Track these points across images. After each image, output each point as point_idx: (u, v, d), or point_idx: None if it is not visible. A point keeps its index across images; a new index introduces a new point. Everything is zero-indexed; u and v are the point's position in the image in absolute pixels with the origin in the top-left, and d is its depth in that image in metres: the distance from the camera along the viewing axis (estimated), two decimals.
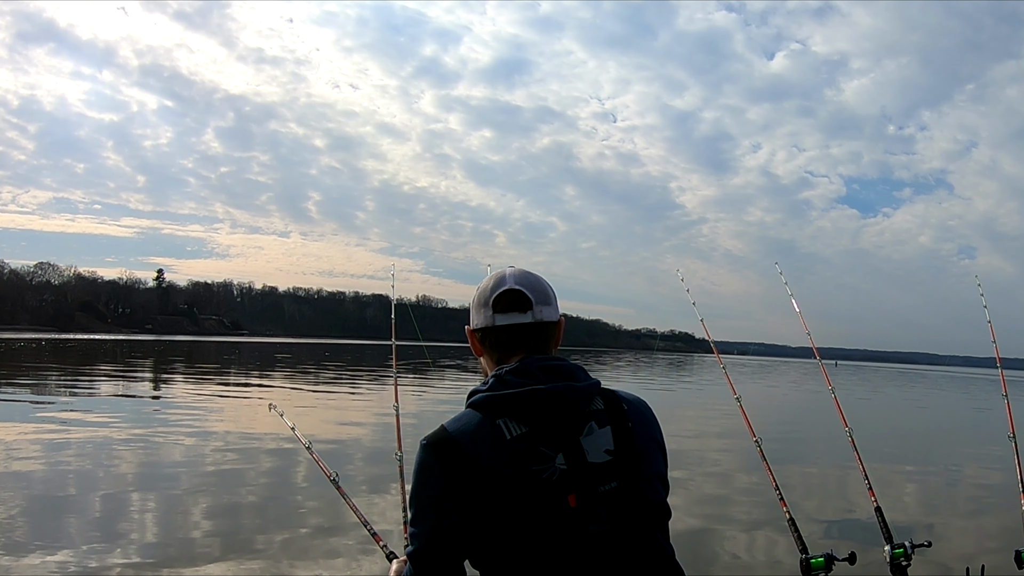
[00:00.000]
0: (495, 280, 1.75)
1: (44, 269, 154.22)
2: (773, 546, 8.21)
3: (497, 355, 1.74)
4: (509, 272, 1.76)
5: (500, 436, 1.56)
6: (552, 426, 1.57)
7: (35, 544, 7.33)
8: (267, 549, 7.55)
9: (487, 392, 1.64)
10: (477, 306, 1.76)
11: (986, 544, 8.67)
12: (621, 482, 1.56)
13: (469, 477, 1.53)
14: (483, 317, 1.74)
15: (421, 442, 1.62)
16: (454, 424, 1.63)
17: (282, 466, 12.19)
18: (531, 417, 1.57)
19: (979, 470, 15.25)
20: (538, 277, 1.77)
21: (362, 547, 7.69)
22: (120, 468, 11.39)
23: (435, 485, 1.56)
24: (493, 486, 1.51)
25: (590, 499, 1.52)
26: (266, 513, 9.03)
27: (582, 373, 1.66)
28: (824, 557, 3.80)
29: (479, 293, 1.77)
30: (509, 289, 1.71)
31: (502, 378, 1.64)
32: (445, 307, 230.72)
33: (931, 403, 42.78)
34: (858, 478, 4.42)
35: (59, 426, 15.53)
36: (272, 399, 25.23)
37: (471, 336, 1.81)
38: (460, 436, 1.58)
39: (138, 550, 7.32)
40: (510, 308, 1.70)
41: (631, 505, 1.56)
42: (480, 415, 1.61)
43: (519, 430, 1.56)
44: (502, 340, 1.73)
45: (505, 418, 1.58)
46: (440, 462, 1.56)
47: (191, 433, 15.34)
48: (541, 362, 1.65)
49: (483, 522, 1.52)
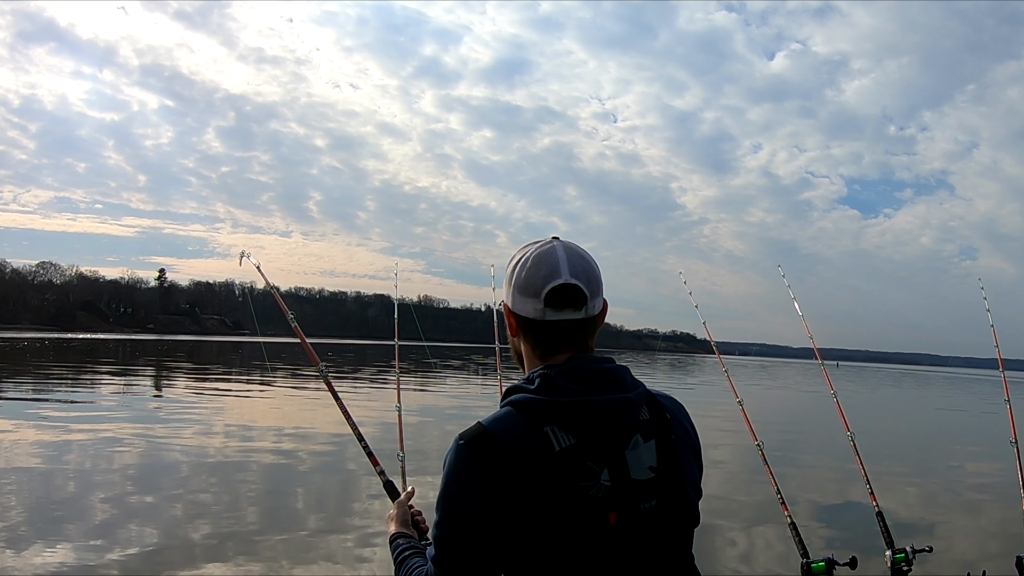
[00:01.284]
0: (547, 265, 1.55)
1: (46, 268, 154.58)
2: (774, 550, 8.20)
3: (541, 349, 1.58)
4: (561, 255, 1.56)
5: (548, 446, 1.44)
6: (600, 439, 1.47)
7: (37, 541, 7.33)
8: (270, 545, 7.54)
9: (535, 395, 1.49)
10: (522, 291, 1.56)
11: (988, 549, 8.67)
12: (660, 501, 1.50)
13: (510, 485, 1.42)
14: (530, 307, 1.55)
15: (457, 440, 1.49)
16: (496, 425, 1.48)
17: (283, 463, 12.20)
18: (581, 429, 1.46)
19: (981, 475, 15.22)
20: (589, 260, 1.59)
21: (361, 546, 7.69)
22: (124, 466, 11.39)
23: (471, 488, 1.44)
24: (535, 499, 1.41)
25: (630, 517, 1.46)
26: (266, 512, 9.01)
27: (629, 377, 1.56)
28: (825, 562, 3.79)
29: (525, 276, 1.56)
30: (565, 284, 1.53)
31: (552, 380, 1.49)
32: (447, 307, 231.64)
33: (933, 405, 42.73)
34: (860, 482, 4.41)
35: (63, 425, 15.52)
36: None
37: (508, 315, 1.62)
38: (503, 439, 1.45)
39: (139, 548, 7.32)
40: (565, 305, 1.53)
41: (667, 525, 1.51)
42: (525, 419, 1.47)
43: (568, 441, 1.45)
44: (551, 336, 1.56)
45: (553, 426, 1.46)
46: (479, 464, 1.44)
47: (195, 432, 15.35)
48: (593, 365, 1.54)
49: (518, 534, 1.42)
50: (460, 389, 31.61)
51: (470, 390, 32.19)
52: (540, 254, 1.57)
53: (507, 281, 1.60)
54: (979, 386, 69.64)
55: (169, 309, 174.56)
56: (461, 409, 22.49)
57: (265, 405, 23.04)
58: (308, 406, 21.80)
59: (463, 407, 23.33)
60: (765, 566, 7.77)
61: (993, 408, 33.65)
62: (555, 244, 1.60)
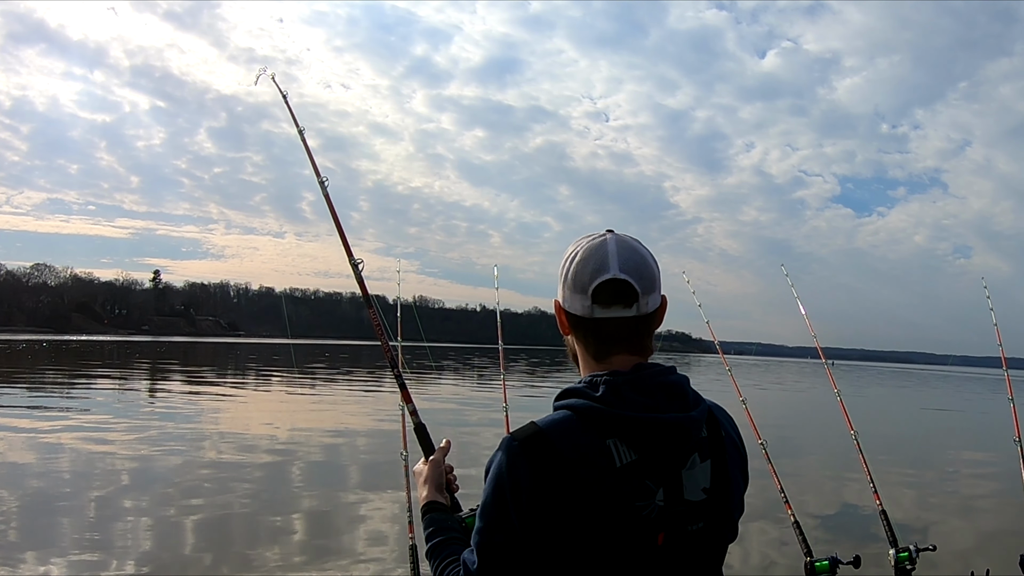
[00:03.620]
0: (596, 259, 1.47)
1: (40, 270, 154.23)
2: (777, 549, 8.21)
3: (594, 349, 1.50)
4: (612, 248, 1.47)
5: (610, 461, 1.36)
6: (661, 458, 1.40)
7: (35, 542, 7.33)
8: (264, 544, 7.54)
9: (600, 404, 1.39)
10: (571, 287, 1.48)
11: (991, 548, 8.70)
12: (708, 523, 1.46)
13: (564, 495, 1.33)
14: (579, 304, 1.47)
15: (509, 440, 1.39)
16: (554, 428, 1.39)
17: (279, 465, 12.20)
18: (644, 445, 1.38)
19: (984, 473, 15.28)
20: (644, 254, 1.50)
21: (358, 546, 7.69)
22: (125, 469, 11.38)
23: (523, 494, 1.34)
24: (588, 513, 1.33)
25: (677, 539, 1.41)
26: (260, 511, 9.01)
27: (691, 390, 1.49)
28: (829, 560, 3.79)
29: (574, 270, 1.48)
30: (613, 279, 1.44)
31: (620, 390, 1.41)
32: (442, 307, 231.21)
33: (931, 404, 42.79)
34: (863, 481, 4.42)
35: (67, 425, 15.52)
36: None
37: (560, 313, 1.54)
38: (562, 444, 1.36)
39: (134, 554, 7.32)
40: (613, 301, 1.45)
41: (710, 546, 1.48)
42: (586, 426, 1.38)
43: (629, 457, 1.37)
44: (601, 335, 1.48)
45: (616, 439, 1.37)
46: (534, 468, 1.34)
47: (194, 434, 15.34)
48: (661, 377, 1.46)
49: (562, 546, 1.34)
50: (460, 390, 31.57)
51: (470, 390, 32.18)
52: (590, 248, 1.49)
53: (560, 278, 1.52)
54: (976, 385, 69.79)
55: (164, 310, 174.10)
56: (460, 409, 22.47)
57: (261, 406, 23.01)
58: (308, 406, 21.78)
59: (462, 407, 23.30)
60: (769, 565, 7.79)
61: (994, 407, 33.76)
62: (608, 237, 1.51)
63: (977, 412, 35.58)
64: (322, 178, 2.60)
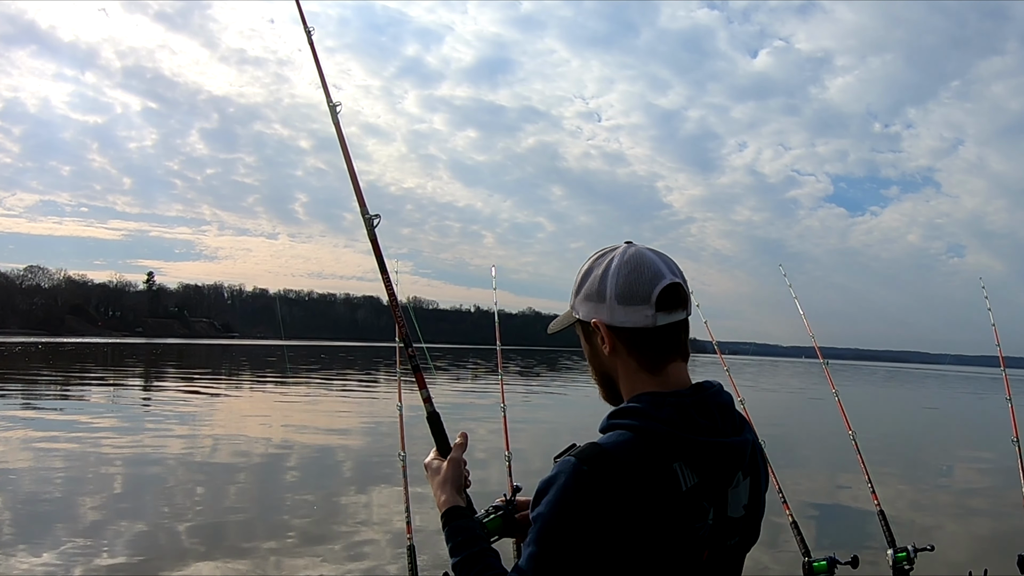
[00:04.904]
0: (648, 267, 1.43)
1: (34, 272, 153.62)
2: (776, 549, 8.21)
3: (649, 360, 1.44)
4: (653, 255, 1.45)
5: (676, 485, 1.33)
6: (717, 479, 1.40)
7: (29, 541, 7.30)
8: (263, 547, 7.53)
9: (668, 427, 1.35)
10: (626, 299, 1.42)
11: (989, 548, 8.73)
12: (742, 538, 1.48)
13: (634, 518, 1.29)
14: (639, 316, 1.41)
15: (578, 463, 1.31)
16: (621, 451, 1.33)
17: (276, 466, 12.18)
18: (706, 469, 1.37)
19: (981, 473, 15.34)
20: (673, 259, 1.49)
21: (356, 547, 7.68)
22: (125, 470, 11.35)
23: (591, 519, 1.29)
24: (653, 536, 1.31)
25: (719, 554, 1.42)
26: (259, 514, 8.99)
27: (737, 412, 1.49)
28: (827, 561, 3.80)
29: (626, 282, 1.42)
30: (672, 284, 1.42)
31: (687, 413, 1.38)
32: (436, 308, 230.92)
33: (929, 404, 42.88)
34: (861, 481, 4.43)
35: (64, 427, 15.47)
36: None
37: (607, 333, 1.45)
38: (630, 469, 1.31)
39: (128, 552, 7.30)
40: (675, 306, 1.42)
41: (740, 559, 1.52)
42: (652, 449, 1.34)
43: (692, 480, 1.35)
44: (661, 343, 1.44)
45: (681, 463, 1.35)
46: (605, 492, 1.29)
47: (190, 436, 15.31)
48: (717, 398, 1.45)
49: (622, 568, 1.31)
50: (457, 390, 31.54)
51: (467, 391, 32.16)
52: (633, 258, 1.44)
53: (594, 295, 1.45)
54: (972, 384, 69.99)
55: (158, 312, 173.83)
56: (457, 409, 22.47)
57: (260, 409, 22.98)
58: (309, 407, 21.76)
59: (460, 407, 23.30)
60: (767, 565, 7.79)
61: (991, 406, 33.85)
62: (638, 247, 1.48)
63: (974, 412, 35.69)
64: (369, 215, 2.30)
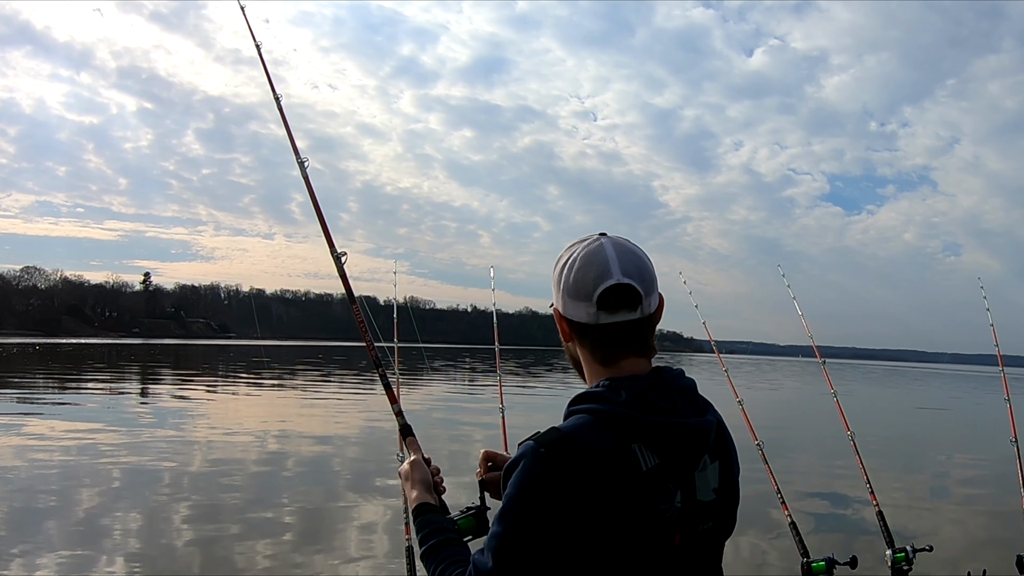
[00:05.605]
0: (596, 266, 1.45)
1: (30, 273, 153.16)
2: (774, 550, 8.23)
3: (600, 354, 1.49)
4: (611, 253, 1.47)
5: (636, 465, 1.35)
6: (680, 461, 1.42)
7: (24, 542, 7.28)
8: (260, 547, 7.52)
9: (625, 409, 1.39)
10: (573, 294, 1.47)
11: (987, 548, 8.74)
12: (716, 522, 1.49)
13: (596, 499, 1.32)
14: (583, 312, 1.46)
15: (534, 446, 1.36)
16: (580, 433, 1.37)
17: (273, 466, 12.17)
18: (666, 450, 1.39)
19: (980, 473, 15.33)
20: (640, 256, 1.50)
21: (354, 547, 7.67)
22: (118, 471, 11.33)
23: (552, 502, 1.32)
24: (616, 518, 1.33)
25: (691, 538, 1.43)
26: (257, 513, 8.98)
27: (700, 395, 1.52)
28: (826, 561, 3.80)
29: (575, 278, 1.47)
30: (617, 285, 1.43)
31: (645, 395, 1.41)
32: (433, 308, 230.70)
33: (927, 403, 42.85)
34: (859, 481, 4.43)
35: (70, 427, 15.44)
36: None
37: (560, 321, 1.53)
38: (589, 450, 1.34)
39: (126, 554, 7.28)
40: (619, 307, 1.44)
41: (716, 544, 1.52)
42: (611, 431, 1.37)
43: (653, 461, 1.37)
44: (607, 340, 1.47)
45: (641, 444, 1.37)
46: (565, 474, 1.32)
47: (187, 436, 15.30)
48: (678, 382, 1.48)
49: (586, 551, 1.33)
50: (454, 390, 31.56)
51: (464, 391, 32.17)
52: (588, 253, 1.48)
53: (556, 284, 1.52)
54: (969, 383, 70.08)
55: (155, 313, 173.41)
56: (455, 408, 22.46)
57: (257, 410, 22.96)
58: (308, 406, 21.75)
59: (458, 406, 23.29)
60: (766, 565, 7.80)
61: (989, 405, 33.86)
62: (603, 241, 1.50)
63: (972, 411, 35.72)
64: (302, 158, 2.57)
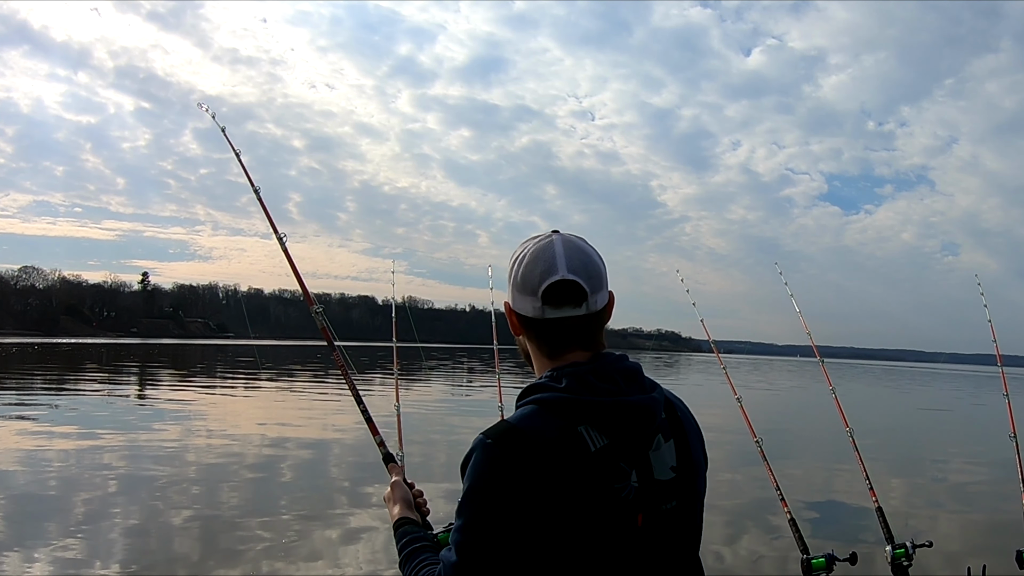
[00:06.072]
0: (544, 261, 1.49)
1: (28, 273, 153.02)
2: (775, 546, 8.24)
3: (547, 348, 1.54)
4: (559, 250, 1.50)
5: (584, 447, 1.39)
6: (630, 440, 1.45)
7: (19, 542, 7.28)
8: (258, 546, 7.51)
9: (567, 394, 1.43)
10: (520, 288, 1.51)
11: (987, 544, 8.72)
12: (680, 501, 1.50)
13: (545, 485, 1.36)
14: (529, 306, 1.50)
15: (483, 439, 1.41)
16: (526, 422, 1.41)
17: (270, 466, 12.17)
18: (613, 429, 1.43)
19: (979, 469, 15.33)
20: (590, 253, 1.54)
21: (352, 542, 7.67)
22: (118, 470, 11.33)
23: (502, 490, 1.36)
24: (570, 500, 1.36)
25: (655, 518, 1.45)
26: (255, 513, 8.97)
27: (645, 376, 1.55)
28: (825, 557, 3.80)
29: (522, 273, 1.51)
30: (562, 280, 1.47)
31: (584, 379, 1.45)
32: (431, 308, 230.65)
33: (926, 402, 42.86)
34: (859, 477, 4.43)
35: (70, 427, 15.43)
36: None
37: (510, 314, 1.57)
38: (535, 436, 1.38)
39: (122, 552, 7.28)
40: (563, 302, 1.48)
41: (685, 525, 1.52)
42: (556, 417, 1.41)
43: (601, 441, 1.41)
44: (553, 334, 1.52)
45: (587, 426, 1.41)
46: (512, 463, 1.37)
47: (185, 436, 15.30)
48: (619, 364, 1.51)
49: (548, 535, 1.37)
50: (453, 390, 31.56)
51: (463, 391, 32.16)
52: (537, 249, 1.52)
53: (508, 280, 1.56)
54: (968, 382, 70.10)
55: (153, 313, 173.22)
56: (455, 406, 22.45)
57: (251, 409, 22.95)
58: (307, 406, 21.74)
59: (457, 405, 23.29)
60: (766, 562, 7.81)
61: (988, 403, 33.88)
62: (553, 238, 1.54)
63: (970, 409, 35.70)
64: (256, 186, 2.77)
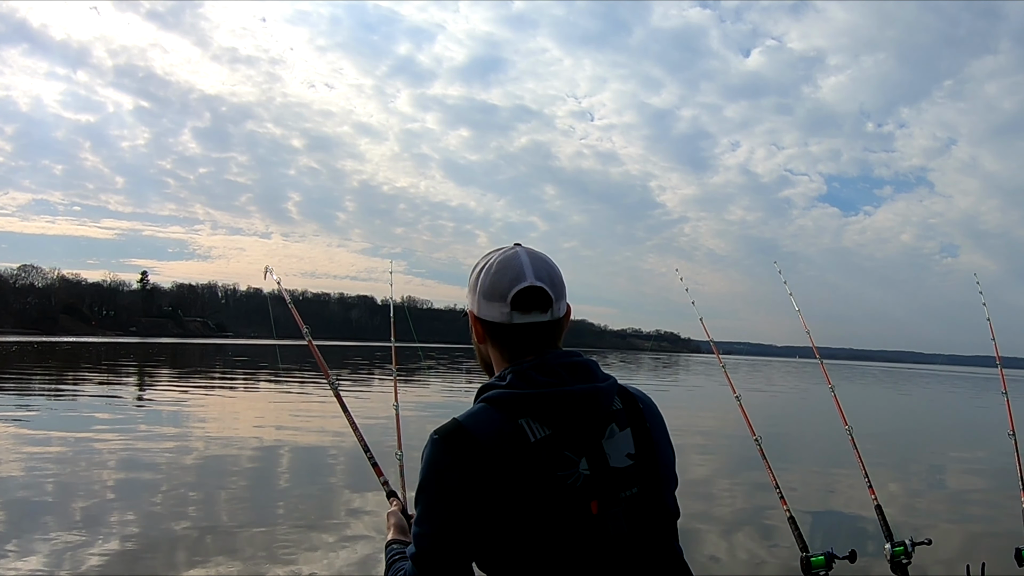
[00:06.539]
0: (511, 269, 1.58)
1: (27, 271, 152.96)
2: (774, 544, 8.25)
3: (510, 353, 1.60)
4: (525, 260, 1.59)
5: (523, 438, 1.45)
6: (576, 429, 1.49)
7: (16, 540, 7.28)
8: (256, 547, 7.52)
9: (507, 389, 1.51)
10: (488, 296, 1.58)
11: (986, 541, 8.72)
12: (642, 488, 1.53)
13: (488, 477, 1.43)
14: (496, 312, 1.58)
15: (432, 435, 1.50)
16: (469, 419, 1.50)
17: (269, 464, 12.17)
18: (556, 419, 1.48)
19: (978, 468, 15.34)
20: (552, 264, 1.63)
21: (348, 541, 7.68)
22: (117, 469, 11.33)
23: (448, 483, 1.45)
24: (514, 491, 1.43)
25: (612, 506, 1.48)
26: (253, 513, 8.97)
27: (599, 370, 1.59)
28: (825, 555, 3.80)
29: (490, 281, 1.58)
30: (531, 287, 1.55)
31: (525, 374, 1.52)
32: (430, 308, 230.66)
33: (925, 401, 42.87)
34: (858, 476, 4.44)
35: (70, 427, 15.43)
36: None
37: (474, 322, 1.64)
38: (478, 432, 1.46)
39: (124, 550, 7.29)
40: (531, 307, 1.56)
41: (650, 511, 1.54)
42: (498, 412, 1.49)
43: (542, 432, 1.47)
44: (518, 339, 1.59)
45: (527, 418, 1.47)
46: (455, 458, 1.45)
47: (183, 435, 15.30)
48: (563, 358, 1.56)
49: (498, 525, 1.43)
50: (452, 390, 31.56)
51: (462, 391, 32.15)
52: (504, 259, 1.60)
53: (471, 289, 1.64)
54: (967, 383, 69.93)
55: (152, 312, 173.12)
56: (454, 406, 22.43)
57: (251, 408, 22.95)
58: (306, 406, 21.74)
59: (453, 404, 23.28)
60: (765, 560, 7.81)
61: (986, 403, 33.90)
62: (518, 250, 1.63)
63: (970, 410, 35.74)
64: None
